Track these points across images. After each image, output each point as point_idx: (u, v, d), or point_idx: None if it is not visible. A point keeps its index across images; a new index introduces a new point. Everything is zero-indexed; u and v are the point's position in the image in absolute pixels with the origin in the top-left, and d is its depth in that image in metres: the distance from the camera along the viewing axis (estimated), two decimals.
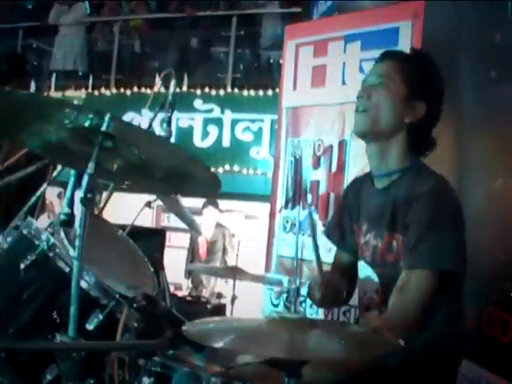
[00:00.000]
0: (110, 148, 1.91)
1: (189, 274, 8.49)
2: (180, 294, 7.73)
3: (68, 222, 2.24)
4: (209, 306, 6.83)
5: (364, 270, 2.44)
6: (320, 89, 4.57)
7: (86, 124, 1.81)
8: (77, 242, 1.77)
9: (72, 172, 2.05)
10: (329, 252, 2.87)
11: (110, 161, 2.13)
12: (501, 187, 3.10)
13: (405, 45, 4.11)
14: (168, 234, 10.55)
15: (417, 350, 2.18)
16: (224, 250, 8.44)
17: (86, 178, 1.74)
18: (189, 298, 7.29)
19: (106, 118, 1.76)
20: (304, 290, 2.57)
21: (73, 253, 2.10)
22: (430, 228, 2.18)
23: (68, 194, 2.53)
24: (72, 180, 2.40)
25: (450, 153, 3.65)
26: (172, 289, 8.18)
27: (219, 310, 6.76)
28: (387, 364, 1.85)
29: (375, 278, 2.38)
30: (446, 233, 2.18)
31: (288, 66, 4.83)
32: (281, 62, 5.45)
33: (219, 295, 7.94)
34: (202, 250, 8.52)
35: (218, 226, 8.57)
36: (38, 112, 1.91)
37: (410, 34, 4.05)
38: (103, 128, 1.77)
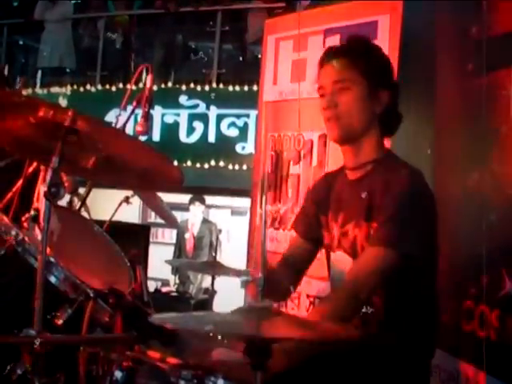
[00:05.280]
0: (76, 143, 1.91)
1: (176, 270, 8.51)
2: (167, 290, 7.74)
3: (36, 218, 2.25)
4: (192, 302, 6.83)
5: (343, 261, 2.44)
6: (300, 83, 4.57)
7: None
8: (41, 236, 1.77)
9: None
10: None
11: (80, 157, 2.13)
12: (479, 181, 3.10)
13: (384, 38, 4.12)
14: (155, 230, 10.57)
15: (381, 338, 2.19)
16: (211, 246, 8.44)
17: (49, 172, 1.74)
18: (173, 294, 7.30)
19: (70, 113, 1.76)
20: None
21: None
22: (398, 212, 2.21)
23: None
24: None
25: (426, 147, 3.65)
26: (159, 285, 8.23)
27: (203, 305, 6.77)
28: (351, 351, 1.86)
29: None
30: (412, 219, 2.21)
31: (268, 60, 4.83)
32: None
33: (206, 291, 7.96)
34: (189, 245, 8.55)
35: (205, 221, 8.59)
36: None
37: (388, 27, 4.05)
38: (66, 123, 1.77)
